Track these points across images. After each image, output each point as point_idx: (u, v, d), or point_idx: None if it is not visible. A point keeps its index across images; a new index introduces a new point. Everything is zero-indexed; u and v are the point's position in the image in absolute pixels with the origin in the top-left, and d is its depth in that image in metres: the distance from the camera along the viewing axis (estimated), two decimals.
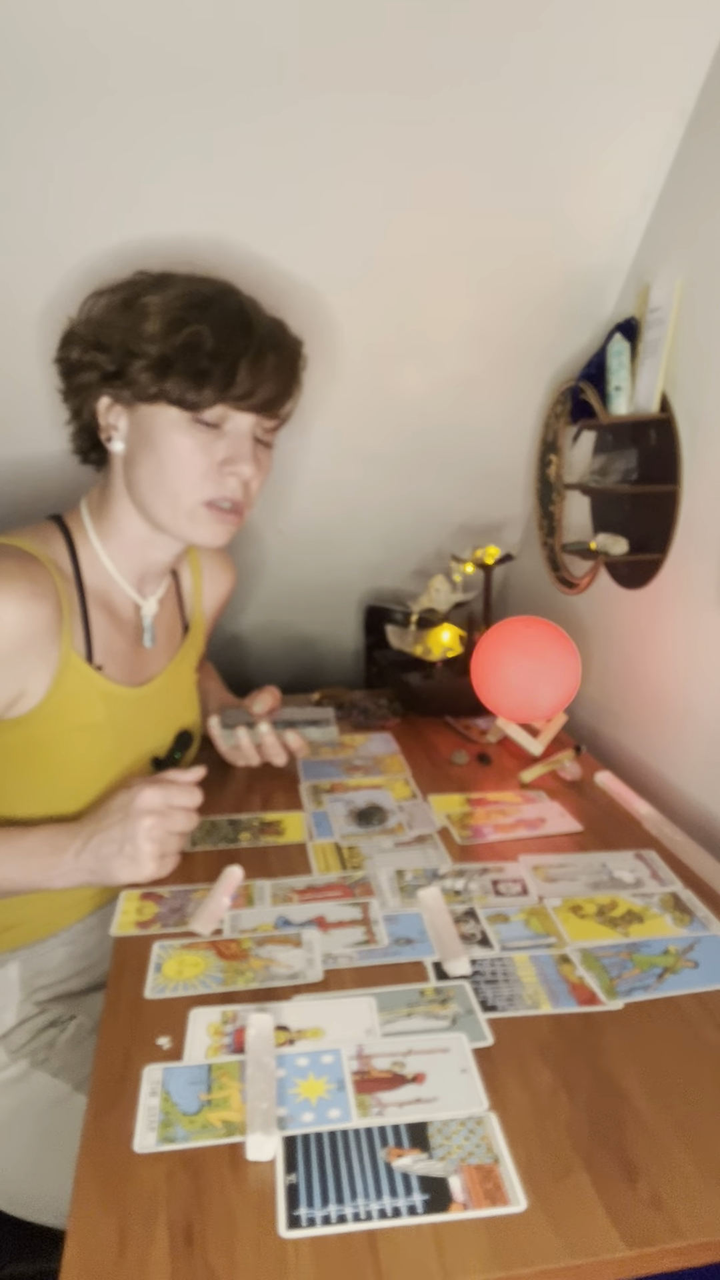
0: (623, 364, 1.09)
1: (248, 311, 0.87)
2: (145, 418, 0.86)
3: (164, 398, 0.84)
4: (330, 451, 1.35)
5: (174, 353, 0.82)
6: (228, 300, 0.87)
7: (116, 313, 0.86)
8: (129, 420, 0.88)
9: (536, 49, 0.92)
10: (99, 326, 0.87)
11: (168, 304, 0.84)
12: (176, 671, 1.04)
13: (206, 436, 0.86)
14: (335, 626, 1.71)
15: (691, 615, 1.05)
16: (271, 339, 0.88)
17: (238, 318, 0.85)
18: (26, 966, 0.92)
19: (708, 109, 0.96)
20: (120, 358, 0.84)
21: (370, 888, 0.86)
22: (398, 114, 0.95)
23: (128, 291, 0.87)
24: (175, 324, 0.83)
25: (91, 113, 0.90)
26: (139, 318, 0.84)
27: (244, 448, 0.88)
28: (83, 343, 0.87)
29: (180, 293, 0.85)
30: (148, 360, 0.83)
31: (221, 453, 0.87)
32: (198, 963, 0.74)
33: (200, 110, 0.91)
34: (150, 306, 0.84)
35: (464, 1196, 0.52)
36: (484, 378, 1.28)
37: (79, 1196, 0.53)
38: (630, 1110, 0.59)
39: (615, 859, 0.91)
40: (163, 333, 0.83)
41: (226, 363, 0.83)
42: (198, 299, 0.85)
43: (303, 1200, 0.52)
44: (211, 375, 0.83)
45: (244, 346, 0.84)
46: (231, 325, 0.84)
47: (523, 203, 1.06)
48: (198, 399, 0.83)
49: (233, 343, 0.83)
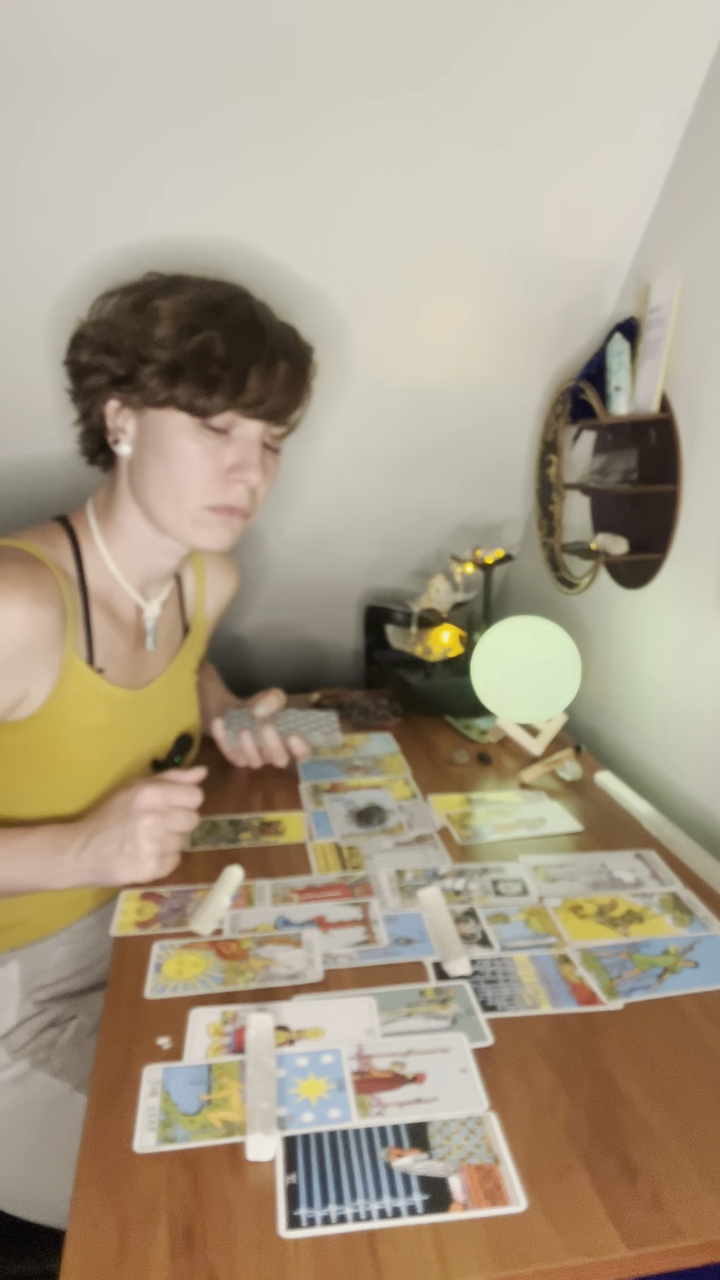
0: (623, 364, 1.09)
1: (260, 318, 0.86)
2: (153, 422, 0.86)
3: (173, 403, 0.83)
4: (331, 452, 1.35)
5: (184, 359, 0.82)
6: (239, 306, 0.86)
7: (127, 316, 0.85)
8: (137, 424, 0.88)
9: (537, 49, 0.92)
10: (109, 329, 0.86)
11: (179, 308, 0.83)
12: (176, 674, 1.04)
13: (215, 442, 0.86)
14: (335, 627, 1.71)
15: (691, 615, 1.05)
16: (283, 346, 0.87)
17: (249, 324, 0.85)
18: (26, 966, 0.92)
19: (707, 109, 0.96)
20: (130, 362, 0.84)
21: (370, 888, 0.86)
22: (399, 116, 0.95)
23: (138, 294, 0.86)
24: (186, 329, 0.82)
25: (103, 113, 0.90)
26: (150, 322, 0.83)
27: (252, 455, 0.87)
28: (92, 345, 0.87)
29: (192, 297, 0.84)
30: (158, 365, 0.82)
31: (229, 459, 0.86)
32: (198, 963, 0.74)
33: (211, 111, 0.92)
34: (161, 310, 0.83)
35: (464, 1196, 0.52)
36: (484, 378, 1.28)
37: (79, 1196, 0.53)
38: (630, 1110, 0.59)
39: (615, 859, 0.91)
40: (173, 338, 0.82)
41: (237, 370, 0.82)
42: (209, 304, 0.84)
43: (303, 1200, 0.52)
44: (221, 382, 0.82)
45: (255, 354, 0.83)
46: (243, 331, 0.84)
47: (523, 203, 1.06)
48: (207, 405, 0.83)
49: (244, 349, 0.83)
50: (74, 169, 0.94)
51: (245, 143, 0.95)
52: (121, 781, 0.91)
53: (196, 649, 1.10)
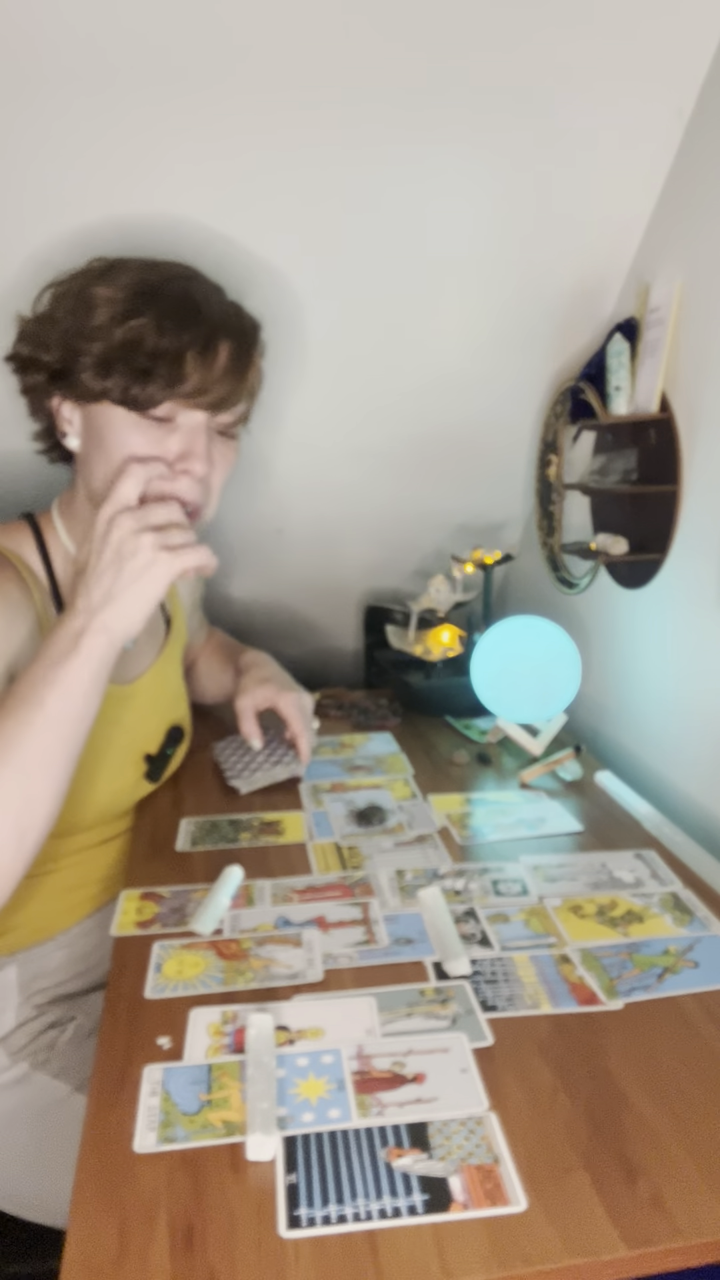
0: (623, 364, 1.09)
1: (195, 298, 0.81)
2: (95, 415, 0.82)
3: (107, 397, 0.79)
4: (330, 451, 1.35)
5: (114, 350, 0.77)
6: (175, 287, 0.81)
7: (64, 307, 0.82)
8: (82, 417, 0.84)
9: (536, 49, 0.92)
10: (46, 322, 0.83)
11: (114, 295, 0.80)
12: (163, 668, 1.03)
13: (158, 432, 0.81)
14: (335, 627, 1.71)
15: (691, 615, 1.05)
16: (225, 326, 0.82)
17: (184, 306, 0.80)
18: (24, 970, 0.91)
19: (708, 109, 0.96)
20: (63, 356, 0.80)
21: (370, 888, 0.86)
22: (397, 115, 0.95)
23: (78, 282, 0.82)
24: (118, 318, 0.78)
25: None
26: (86, 312, 0.79)
27: (198, 444, 0.82)
28: (31, 340, 0.84)
29: (128, 282, 0.80)
30: (90, 358, 0.79)
31: (174, 449, 0.81)
32: (198, 963, 0.74)
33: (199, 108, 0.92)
34: (97, 298, 0.79)
35: (464, 1196, 0.52)
36: (484, 377, 1.28)
37: (79, 1196, 0.53)
38: (630, 1110, 0.59)
39: (615, 859, 0.91)
40: (105, 327, 0.78)
41: (170, 358, 0.78)
42: (145, 288, 0.80)
43: (303, 1200, 0.52)
44: (155, 373, 0.77)
45: (190, 339, 0.78)
46: (178, 316, 0.79)
47: (522, 203, 1.06)
48: (141, 396, 0.78)
49: (178, 335, 0.78)
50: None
51: (241, 145, 0.95)
52: (111, 777, 0.91)
53: (180, 638, 1.09)
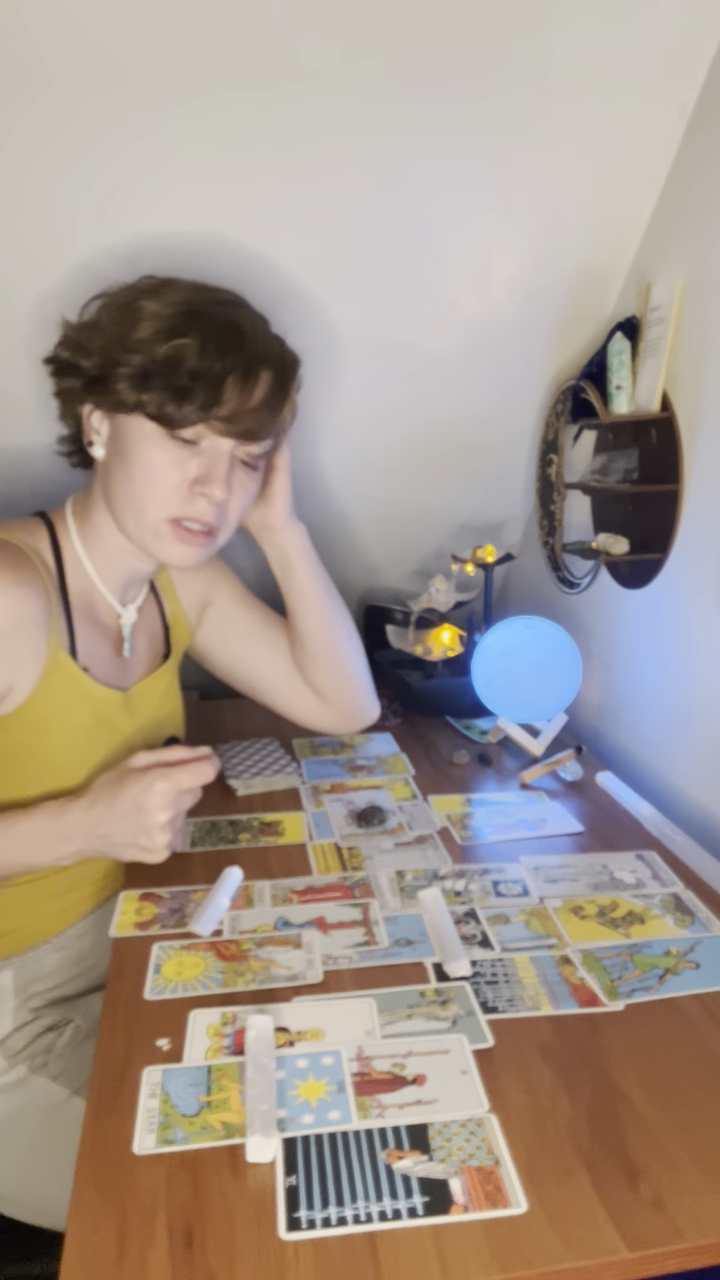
0: (624, 363, 1.09)
1: (241, 325, 0.83)
2: (122, 426, 0.83)
3: (141, 410, 0.80)
4: (330, 451, 1.35)
5: (155, 365, 0.79)
6: (223, 312, 0.83)
7: (110, 317, 0.84)
8: (110, 427, 0.85)
9: (537, 48, 0.91)
10: (89, 330, 0.84)
11: (160, 311, 0.81)
12: (162, 677, 1.02)
13: (181, 452, 0.82)
14: None
15: (692, 615, 1.05)
16: (268, 358, 0.84)
17: (228, 331, 0.81)
18: (20, 973, 0.91)
19: (708, 109, 0.96)
20: (102, 364, 0.82)
21: (370, 888, 0.85)
22: (398, 114, 0.95)
23: (127, 295, 0.84)
24: (162, 334, 0.79)
25: (96, 108, 0.89)
26: (131, 323, 0.81)
27: (219, 470, 0.83)
28: (72, 346, 0.85)
29: (176, 300, 0.82)
30: (129, 369, 0.80)
31: (194, 471, 0.83)
32: (197, 964, 0.74)
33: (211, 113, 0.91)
34: (144, 312, 0.81)
35: (464, 1198, 0.52)
36: (485, 376, 1.28)
37: (78, 1198, 0.52)
38: (631, 1112, 0.59)
39: (616, 860, 0.91)
40: (149, 341, 0.79)
41: (210, 381, 0.79)
42: (192, 309, 0.81)
43: (302, 1202, 0.52)
44: (192, 393, 0.79)
45: (232, 364, 0.80)
46: (221, 340, 0.80)
47: (523, 202, 1.06)
48: (176, 415, 0.79)
49: (220, 359, 0.79)
50: (63, 165, 0.93)
51: (248, 143, 0.95)
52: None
53: (181, 648, 1.09)
